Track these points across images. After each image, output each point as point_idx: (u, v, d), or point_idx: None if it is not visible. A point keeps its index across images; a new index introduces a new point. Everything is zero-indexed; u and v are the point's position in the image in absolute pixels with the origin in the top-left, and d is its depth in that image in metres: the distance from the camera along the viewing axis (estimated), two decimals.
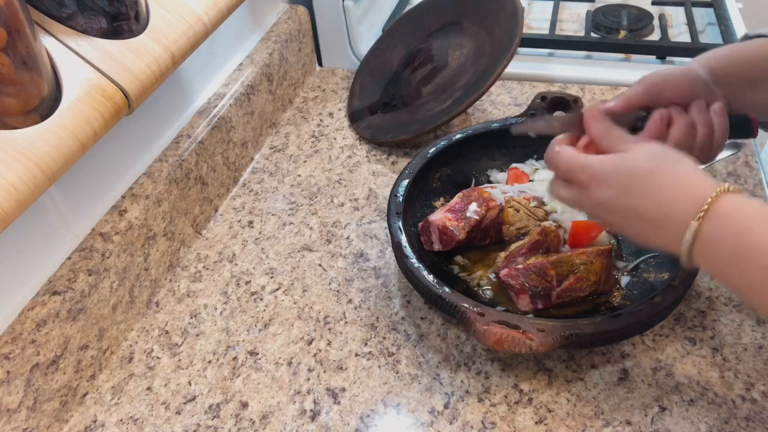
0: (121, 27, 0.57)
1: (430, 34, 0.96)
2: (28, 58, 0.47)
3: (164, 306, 0.69)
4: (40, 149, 0.47)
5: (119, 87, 0.54)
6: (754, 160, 0.80)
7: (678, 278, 0.58)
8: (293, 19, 1.00)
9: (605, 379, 0.59)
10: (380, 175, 0.85)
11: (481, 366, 0.61)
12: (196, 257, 0.75)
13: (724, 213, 0.43)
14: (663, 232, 0.46)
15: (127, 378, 0.62)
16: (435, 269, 0.64)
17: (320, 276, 0.72)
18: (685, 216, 0.44)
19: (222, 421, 0.58)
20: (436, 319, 0.65)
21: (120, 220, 0.65)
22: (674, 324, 0.63)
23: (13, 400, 0.52)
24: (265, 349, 0.64)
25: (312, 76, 1.07)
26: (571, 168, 0.51)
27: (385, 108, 0.93)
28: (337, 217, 0.79)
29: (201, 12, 0.65)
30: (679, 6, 1.11)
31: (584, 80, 0.97)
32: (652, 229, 0.47)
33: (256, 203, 0.82)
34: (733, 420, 0.55)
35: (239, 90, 0.84)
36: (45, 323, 0.55)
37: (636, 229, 0.49)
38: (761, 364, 0.59)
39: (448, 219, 0.67)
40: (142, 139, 0.71)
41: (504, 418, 0.56)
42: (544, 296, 0.61)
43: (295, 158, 0.89)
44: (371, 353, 0.63)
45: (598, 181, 0.49)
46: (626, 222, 0.49)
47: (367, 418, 0.57)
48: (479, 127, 0.79)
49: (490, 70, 0.81)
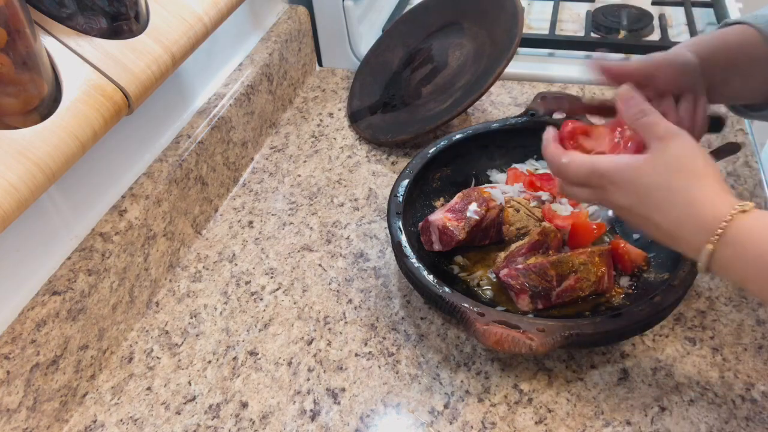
0: (121, 27, 0.57)
1: (430, 34, 0.96)
2: (28, 58, 0.47)
3: (164, 306, 0.69)
4: (39, 149, 0.47)
5: (119, 87, 0.54)
6: (754, 159, 0.80)
7: (678, 278, 0.58)
8: (293, 19, 1.00)
9: (605, 379, 0.59)
10: (380, 175, 0.85)
11: (481, 366, 0.61)
12: (196, 257, 0.75)
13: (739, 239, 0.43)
14: (679, 245, 0.47)
15: (127, 378, 0.62)
16: (435, 269, 0.64)
17: (320, 276, 0.72)
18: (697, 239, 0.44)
19: (222, 421, 0.58)
20: (436, 319, 0.65)
21: (120, 220, 0.65)
22: (674, 324, 0.63)
23: (13, 400, 0.52)
24: (265, 349, 0.64)
25: (312, 76, 1.07)
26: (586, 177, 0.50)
27: (385, 108, 0.93)
28: (337, 217, 0.79)
29: (201, 12, 0.65)
30: (679, 6, 1.11)
31: (584, 80, 0.97)
32: (669, 239, 0.47)
33: (256, 203, 0.82)
34: (733, 420, 0.55)
35: (239, 90, 0.84)
36: (45, 323, 0.55)
37: (653, 235, 0.49)
38: (761, 364, 0.59)
39: (448, 219, 0.67)
40: (142, 139, 0.71)
41: (504, 418, 0.56)
42: (544, 296, 0.61)
43: (295, 158, 0.89)
44: (371, 353, 0.63)
45: (617, 186, 0.48)
46: (644, 227, 0.49)
47: (367, 418, 0.57)
48: (479, 127, 0.79)
49: (490, 70, 0.81)
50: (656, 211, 0.46)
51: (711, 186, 0.45)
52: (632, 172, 0.48)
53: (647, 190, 0.47)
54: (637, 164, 0.48)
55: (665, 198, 0.46)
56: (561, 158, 0.52)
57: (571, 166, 0.51)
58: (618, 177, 0.48)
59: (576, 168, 0.51)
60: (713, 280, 0.66)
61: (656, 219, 0.47)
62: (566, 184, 0.53)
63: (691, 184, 0.45)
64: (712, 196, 0.45)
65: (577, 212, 0.68)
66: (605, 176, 0.49)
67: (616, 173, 0.48)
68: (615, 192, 0.49)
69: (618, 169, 0.48)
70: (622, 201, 0.48)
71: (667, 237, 0.47)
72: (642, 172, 0.47)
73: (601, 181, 0.49)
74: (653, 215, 0.47)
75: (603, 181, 0.49)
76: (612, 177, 0.48)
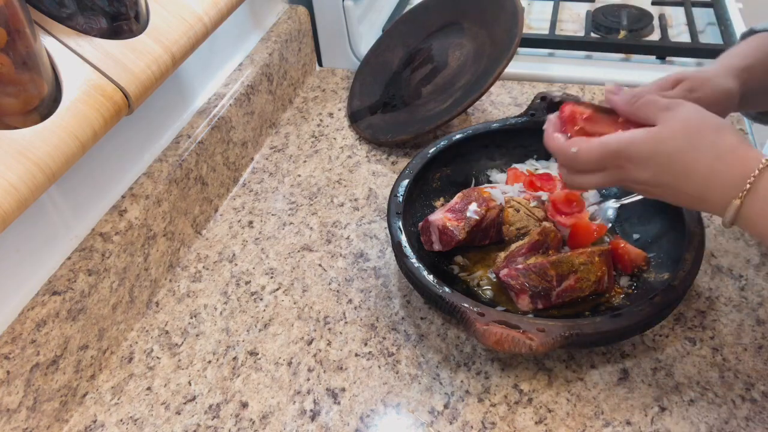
0: (121, 27, 0.57)
1: (430, 34, 0.96)
2: (28, 58, 0.47)
3: (164, 306, 0.69)
4: (39, 149, 0.47)
5: (119, 87, 0.54)
6: None
7: (678, 278, 0.58)
8: (293, 19, 1.00)
9: (605, 379, 0.59)
10: (380, 175, 0.85)
11: (481, 366, 0.61)
12: (196, 257, 0.75)
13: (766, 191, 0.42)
14: (706, 205, 0.46)
15: (127, 378, 0.62)
16: (435, 269, 0.64)
17: (320, 276, 0.72)
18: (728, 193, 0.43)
19: (222, 421, 0.58)
20: (436, 319, 0.65)
21: (120, 220, 0.65)
22: (674, 324, 0.63)
23: (13, 400, 0.52)
24: (265, 349, 0.64)
25: (312, 76, 1.07)
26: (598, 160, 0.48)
27: (385, 108, 0.93)
28: (337, 217, 0.79)
29: (201, 12, 0.65)
30: (679, 6, 1.11)
31: (584, 80, 0.97)
32: (696, 202, 0.46)
33: (256, 203, 0.82)
34: (733, 420, 0.55)
35: (239, 90, 0.84)
36: (45, 323, 0.55)
37: (678, 201, 0.48)
38: (761, 364, 0.59)
39: (448, 219, 0.67)
40: (142, 139, 0.71)
41: (504, 418, 0.56)
42: (544, 296, 0.61)
43: (295, 158, 0.89)
44: (371, 353, 0.63)
45: (636, 162, 0.47)
46: (668, 195, 0.48)
47: (367, 418, 0.57)
48: (479, 127, 0.79)
49: (490, 70, 0.81)
50: (682, 175, 0.45)
51: (734, 138, 0.45)
52: (650, 142, 0.46)
53: (669, 156, 0.45)
54: (655, 134, 0.46)
55: (692, 159, 0.45)
56: (569, 148, 0.50)
57: (581, 154, 0.49)
58: (635, 151, 0.47)
59: (586, 154, 0.49)
60: (713, 279, 0.66)
61: (682, 184, 0.46)
62: (575, 173, 0.51)
63: (715, 140, 0.45)
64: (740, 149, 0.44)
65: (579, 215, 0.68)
66: (621, 154, 0.47)
67: (632, 148, 0.47)
68: (633, 168, 0.47)
69: (634, 143, 0.47)
70: (642, 176, 0.47)
71: (693, 199, 0.46)
72: (660, 139, 0.46)
73: (617, 160, 0.48)
74: (678, 182, 0.46)
75: (619, 161, 0.48)
76: (629, 153, 0.47)
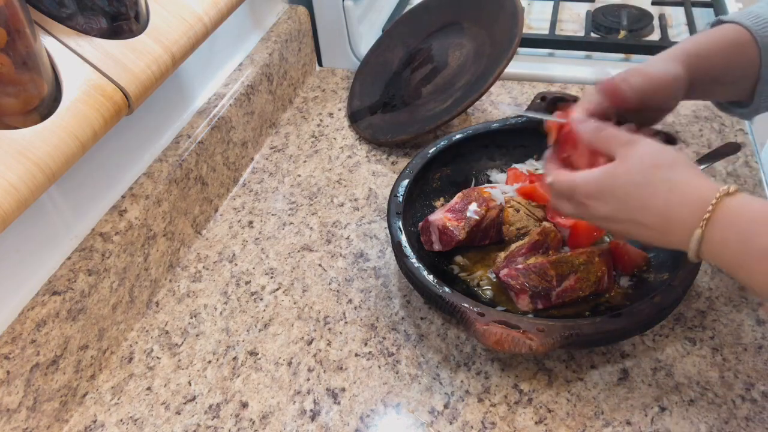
0: (121, 27, 0.57)
1: (430, 34, 0.96)
2: (28, 58, 0.47)
3: (164, 306, 0.69)
4: (39, 149, 0.47)
5: (119, 87, 0.54)
6: (754, 160, 0.80)
7: (678, 278, 0.58)
8: (293, 19, 1.00)
9: (605, 379, 0.59)
10: (380, 175, 0.85)
11: (481, 366, 0.61)
12: (196, 257, 0.75)
13: (727, 219, 0.43)
14: (668, 238, 0.47)
15: (127, 378, 0.62)
16: (435, 269, 0.64)
17: (320, 276, 0.72)
18: (687, 224, 0.44)
19: (222, 421, 0.58)
20: (436, 319, 0.65)
21: (120, 220, 0.65)
22: (674, 324, 0.63)
23: (13, 400, 0.52)
24: (265, 349, 0.64)
25: (312, 76, 1.07)
26: (566, 192, 0.51)
27: (385, 108, 0.93)
28: (337, 217, 0.79)
29: (201, 12, 0.65)
30: (679, 6, 1.11)
31: (584, 80, 0.97)
32: (657, 235, 0.47)
33: (256, 203, 0.82)
34: (733, 420, 0.55)
35: (239, 90, 0.84)
36: (45, 323, 0.55)
37: (641, 237, 0.49)
38: (761, 364, 0.59)
39: (448, 219, 0.67)
40: (142, 139, 0.71)
41: (504, 418, 0.56)
42: (544, 296, 0.61)
43: (295, 158, 0.89)
44: (371, 353, 0.63)
45: (595, 198, 0.49)
46: (630, 231, 0.49)
47: (367, 418, 0.57)
48: (479, 127, 0.79)
49: (490, 70, 0.81)
50: (640, 209, 0.47)
51: (689, 172, 0.46)
52: (607, 179, 0.48)
53: (626, 191, 0.47)
54: (611, 170, 0.48)
55: (647, 194, 0.46)
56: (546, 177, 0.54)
57: (555, 185, 0.53)
58: (594, 188, 0.49)
59: (557, 186, 0.52)
60: (713, 279, 0.66)
61: (641, 218, 0.47)
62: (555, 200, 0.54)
63: (670, 173, 0.46)
64: (694, 181, 0.45)
65: None
66: (582, 190, 0.50)
67: (594, 185, 0.49)
68: (593, 204, 0.49)
69: (595, 181, 0.49)
70: (603, 211, 0.49)
71: (656, 233, 0.47)
72: (616, 175, 0.48)
73: (577, 197, 0.50)
74: (638, 215, 0.47)
75: (579, 197, 0.50)
76: (588, 189, 0.49)
